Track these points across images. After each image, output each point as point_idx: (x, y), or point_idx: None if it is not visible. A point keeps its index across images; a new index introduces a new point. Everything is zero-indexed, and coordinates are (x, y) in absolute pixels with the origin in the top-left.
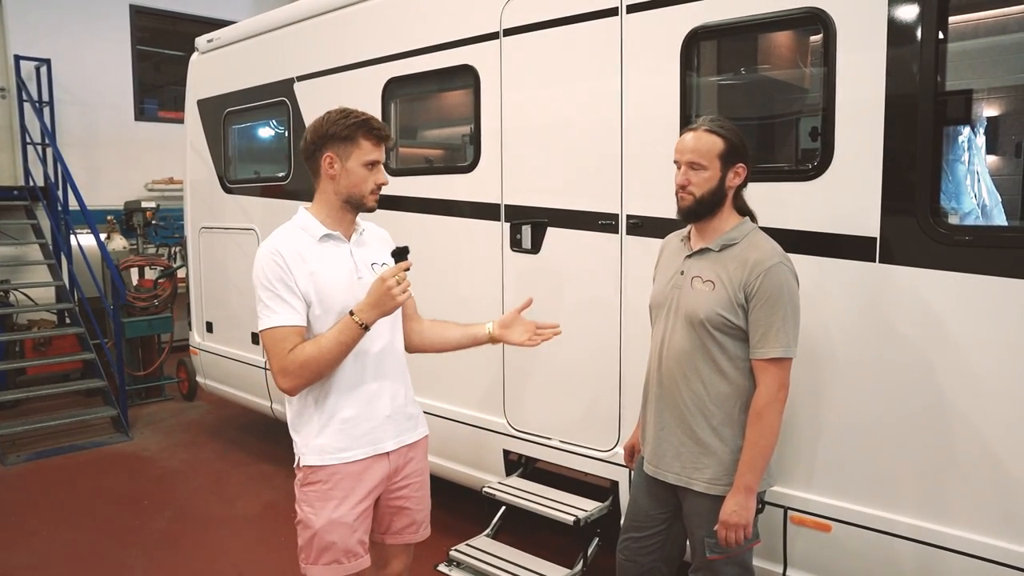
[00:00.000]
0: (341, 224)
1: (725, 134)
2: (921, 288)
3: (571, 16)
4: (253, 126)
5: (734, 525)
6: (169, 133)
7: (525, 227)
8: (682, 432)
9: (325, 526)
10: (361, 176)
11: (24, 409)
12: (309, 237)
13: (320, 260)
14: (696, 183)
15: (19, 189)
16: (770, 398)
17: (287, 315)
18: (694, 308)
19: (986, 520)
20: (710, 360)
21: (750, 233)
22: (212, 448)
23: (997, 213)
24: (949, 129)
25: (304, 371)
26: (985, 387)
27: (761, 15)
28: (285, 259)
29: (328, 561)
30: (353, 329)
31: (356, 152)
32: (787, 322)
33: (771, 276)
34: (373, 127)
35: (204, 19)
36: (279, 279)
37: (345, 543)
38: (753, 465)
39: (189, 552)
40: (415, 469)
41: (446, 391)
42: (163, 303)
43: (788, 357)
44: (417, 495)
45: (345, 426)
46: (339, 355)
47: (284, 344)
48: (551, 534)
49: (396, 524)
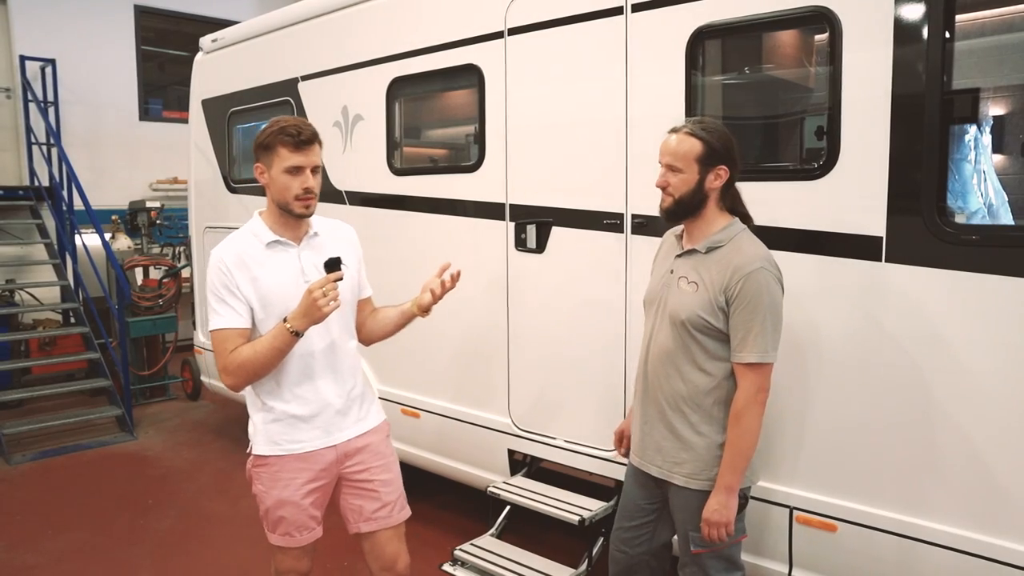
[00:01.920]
0: (287, 229)
1: (705, 137)
2: (928, 287)
3: (576, 15)
4: (257, 126)
5: (716, 523)
6: (173, 133)
7: (530, 227)
8: (664, 427)
9: (275, 504)
10: (283, 183)
11: (29, 408)
12: (258, 242)
13: (264, 265)
14: (674, 185)
15: (24, 189)
16: (748, 400)
17: (229, 318)
18: (677, 309)
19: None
20: (691, 359)
21: (737, 236)
22: (216, 447)
23: (1004, 212)
24: (955, 128)
25: (242, 371)
26: (993, 386)
27: (766, 14)
28: (228, 266)
29: (282, 532)
30: (285, 335)
31: (276, 160)
32: (766, 328)
33: (751, 281)
34: (288, 132)
35: (208, 19)
36: (223, 284)
37: (295, 518)
38: (733, 466)
39: (193, 551)
40: (374, 453)
41: (451, 391)
42: (167, 303)
43: (766, 362)
44: (382, 478)
45: (293, 420)
46: (273, 358)
47: (226, 345)
48: (556, 534)
49: (367, 508)
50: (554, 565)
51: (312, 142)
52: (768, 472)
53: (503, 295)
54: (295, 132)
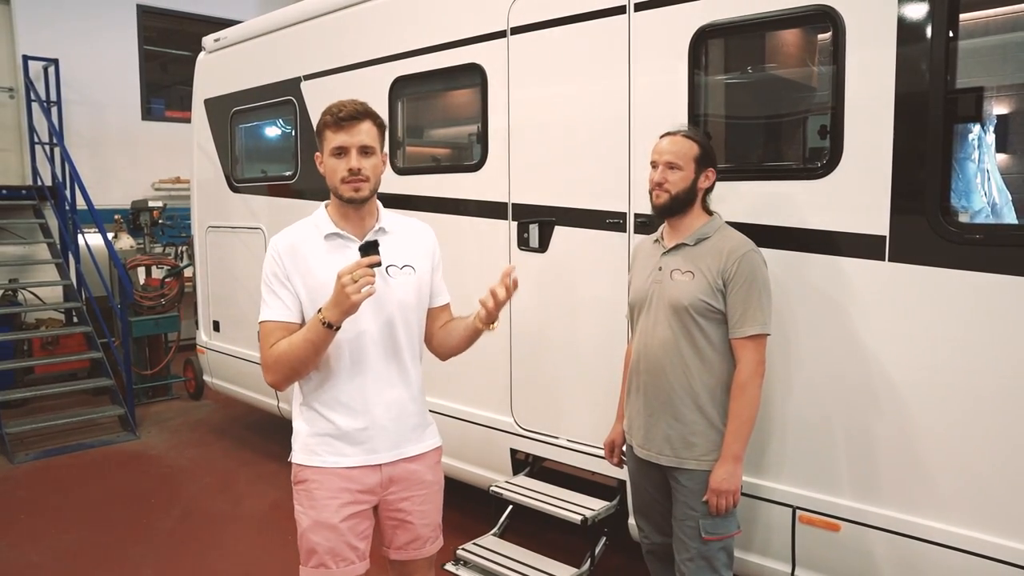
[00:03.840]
0: (349, 222)
1: (700, 140)
2: (931, 286)
3: (578, 14)
4: (260, 125)
5: (724, 491)
6: (176, 133)
7: (533, 226)
8: (671, 416)
9: (310, 526)
10: (331, 167)
11: (32, 408)
12: (317, 233)
13: (319, 258)
14: (672, 181)
15: (27, 189)
16: (751, 372)
17: (276, 310)
18: (677, 297)
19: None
20: (693, 345)
21: (721, 227)
22: (219, 447)
23: (1007, 211)
24: (959, 127)
25: (279, 366)
26: (997, 385)
27: (770, 13)
28: (281, 255)
29: (315, 564)
30: (318, 327)
31: (324, 143)
32: (762, 303)
33: (745, 262)
34: (332, 112)
35: (211, 19)
36: (274, 274)
37: (331, 545)
38: (739, 435)
39: (196, 550)
40: (419, 481)
41: (453, 390)
42: (170, 302)
43: (765, 333)
44: (420, 509)
45: (335, 431)
46: (308, 353)
47: (269, 338)
48: (558, 533)
49: (399, 539)
50: (556, 564)
51: (355, 119)
52: (772, 471)
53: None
54: (336, 110)
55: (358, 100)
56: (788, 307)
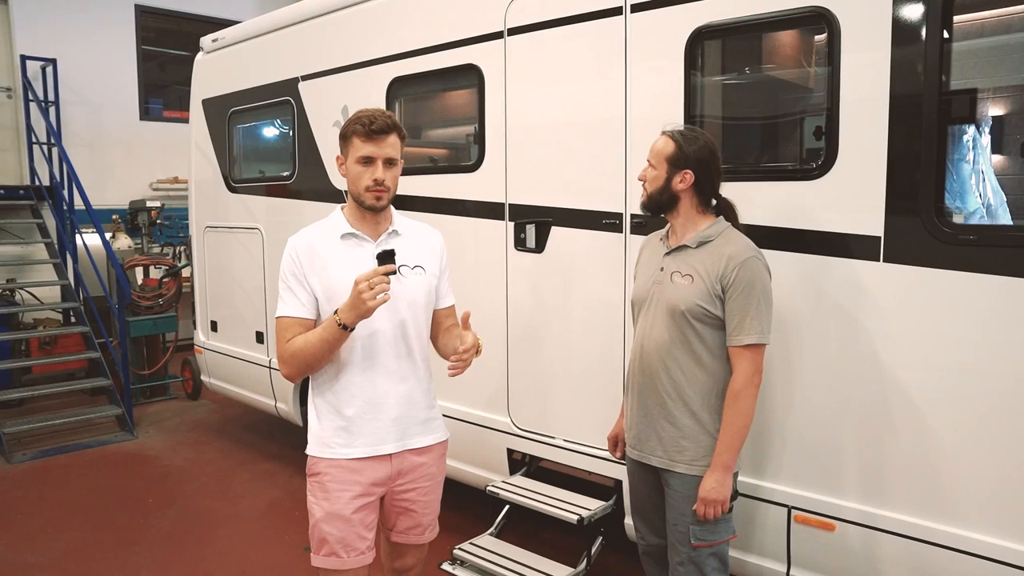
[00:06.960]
0: (364, 223)
1: (680, 141)
2: (926, 287)
3: (575, 15)
4: (258, 126)
5: (712, 501)
6: (174, 133)
7: (529, 226)
8: (664, 418)
9: (324, 517)
10: (356, 173)
11: (29, 408)
12: (334, 233)
13: (335, 257)
14: (648, 179)
15: (25, 188)
16: (746, 382)
17: (292, 307)
18: (675, 300)
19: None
20: (689, 350)
21: (724, 231)
22: (217, 447)
23: (1002, 212)
24: (954, 128)
25: (294, 361)
26: (993, 386)
27: (765, 14)
28: (298, 254)
29: (327, 553)
30: (334, 328)
31: (351, 150)
32: (761, 311)
33: (745, 268)
34: (361, 122)
35: (209, 19)
36: (291, 272)
37: (342, 536)
38: (730, 445)
39: (193, 550)
40: (425, 473)
41: (450, 390)
42: (168, 302)
43: (762, 343)
44: (424, 499)
45: (346, 423)
46: (323, 351)
47: (285, 333)
48: (555, 533)
49: (400, 524)
50: (553, 564)
51: (385, 132)
52: (768, 472)
53: (502, 294)
54: (368, 121)
55: (386, 111)
56: (784, 308)
